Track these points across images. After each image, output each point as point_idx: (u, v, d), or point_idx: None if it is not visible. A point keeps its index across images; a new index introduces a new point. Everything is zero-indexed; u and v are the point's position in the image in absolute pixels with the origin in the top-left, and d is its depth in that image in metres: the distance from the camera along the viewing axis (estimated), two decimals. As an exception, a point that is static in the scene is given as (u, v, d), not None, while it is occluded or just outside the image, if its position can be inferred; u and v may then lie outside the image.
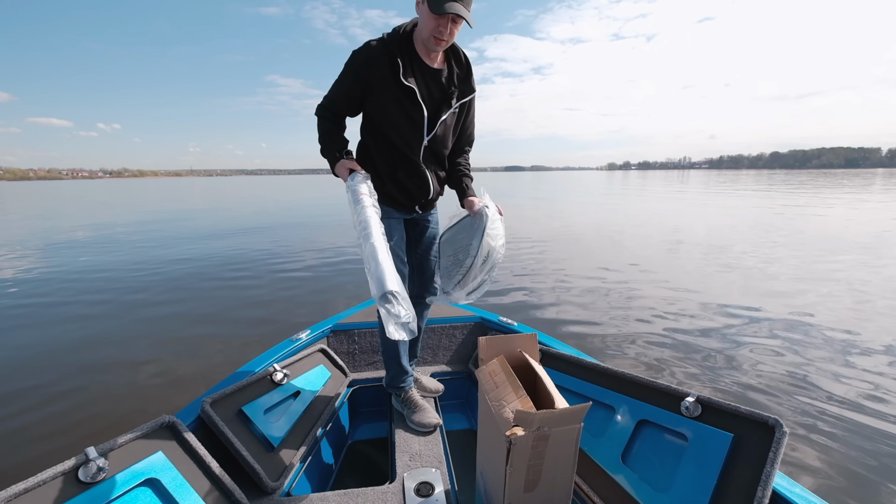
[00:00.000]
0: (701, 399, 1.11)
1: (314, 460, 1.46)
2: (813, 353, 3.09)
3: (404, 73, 1.29)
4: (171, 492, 0.99)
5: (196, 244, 8.47)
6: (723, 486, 0.98)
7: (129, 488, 0.94)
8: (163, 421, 1.08)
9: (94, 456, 0.90)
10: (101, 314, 4.29)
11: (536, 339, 1.23)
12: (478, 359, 1.21)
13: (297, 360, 1.67)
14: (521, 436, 0.92)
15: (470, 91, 1.43)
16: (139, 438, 1.02)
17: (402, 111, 1.33)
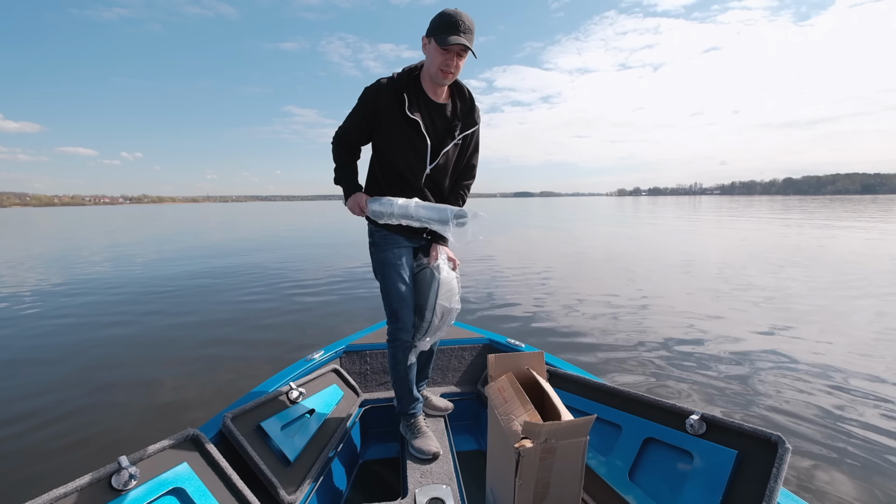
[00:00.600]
0: (705, 417, 1.13)
1: (326, 478, 1.48)
2: (834, 380, 3.03)
3: (410, 106, 1.38)
4: (195, 501, 1.03)
5: (214, 267, 8.68)
6: (728, 502, 0.99)
7: (157, 496, 0.99)
8: (187, 434, 1.14)
9: (126, 465, 0.96)
10: (124, 330, 4.49)
11: (543, 357, 1.28)
12: (487, 377, 1.25)
13: (311, 379, 1.72)
14: (530, 447, 0.96)
15: (473, 124, 1.51)
16: (166, 449, 1.08)
17: (407, 141, 1.42)
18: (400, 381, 1.59)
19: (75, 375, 3.37)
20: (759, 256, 9.05)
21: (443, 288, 1.46)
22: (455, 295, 1.50)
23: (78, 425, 2.55)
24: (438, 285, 1.46)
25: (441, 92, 1.47)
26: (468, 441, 1.87)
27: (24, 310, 5.52)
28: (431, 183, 1.52)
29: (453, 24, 1.30)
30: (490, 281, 6.96)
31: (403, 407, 1.63)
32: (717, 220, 22.56)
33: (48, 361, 3.67)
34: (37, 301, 5.95)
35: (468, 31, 1.31)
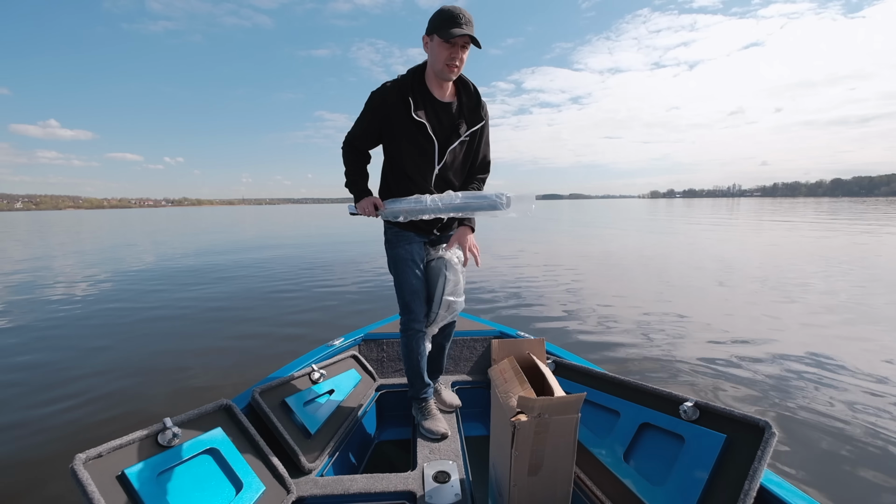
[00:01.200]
0: (699, 404, 1.18)
1: (343, 451, 1.61)
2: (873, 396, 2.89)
3: (415, 108, 1.42)
4: (227, 460, 1.17)
5: (250, 263, 9.20)
6: (714, 480, 1.04)
7: (195, 454, 1.14)
8: (221, 403, 1.28)
9: (170, 425, 1.10)
10: (169, 314, 5.11)
11: (544, 344, 1.36)
12: (491, 361, 1.34)
13: (332, 363, 1.86)
14: (525, 421, 1.04)
15: (479, 120, 1.53)
16: (203, 415, 1.22)
17: (414, 142, 1.47)
18: (412, 369, 1.70)
19: (127, 355, 3.87)
20: (812, 263, 8.64)
21: (449, 284, 1.57)
22: (460, 290, 1.61)
23: (126, 397, 3.01)
24: (445, 280, 1.57)
25: (446, 89, 1.51)
26: (477, 427, 1.96)
27: (87, 297, 6.19)
28: (442, 182, 1.56)
29: (454, 18, 1.35)
30: (508, 279, 7.09)
31: (415, 392, 1.73)
32: (757, 223, 21.57)
33: (103, 342, 4.25)
34: (95, 290, 6.64)
35: (469, 23, 1.36)
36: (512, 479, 1.10)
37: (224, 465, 1.17)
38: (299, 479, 1.31)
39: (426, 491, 1.27)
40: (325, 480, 1.31)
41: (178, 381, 3.25)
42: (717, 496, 1.02)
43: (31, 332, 4.64)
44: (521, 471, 1.09)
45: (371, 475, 1.34)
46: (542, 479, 1.11)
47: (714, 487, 1.04)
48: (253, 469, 1.20)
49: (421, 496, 1.26)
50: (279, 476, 1.24)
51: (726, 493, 1.00)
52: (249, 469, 1.19)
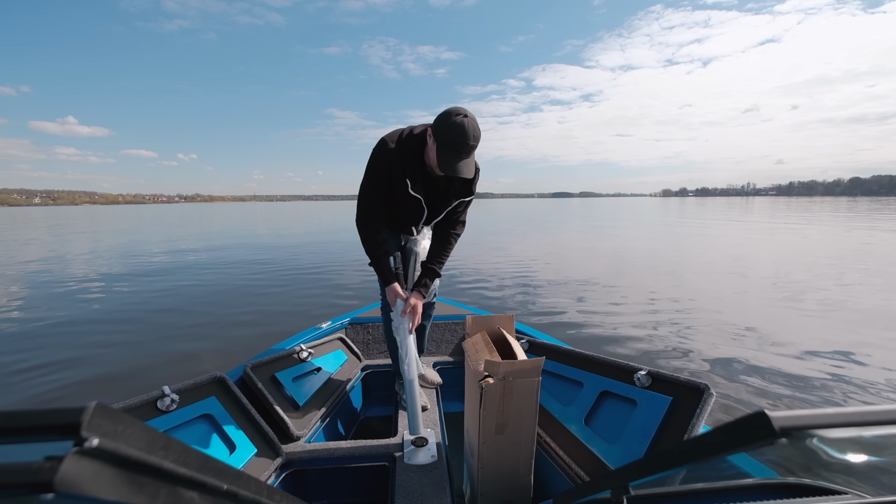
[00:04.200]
0: (651, 372, 1.31)
1: (331, 422, 1.74)
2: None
3: (413, 186, 1.45)
4: (221, 425, 1.29)
5: (258, 255, 9.45)
6: (659, 436, 1.17)
7: (192, 419, 1.25)
8: (215, 375, 1.39)
9: (168, 392, 1.21)
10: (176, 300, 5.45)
11: (513, 319, 1.48)
12: (465, 335, 1.47)
13: (319, 343, 2.00)
14: (492, 384, 1.16)
15: (468, 194, 1.55)
16: (198, 385, 1.33)
17: (408, 208, 1.54)
18: (394, 346, 1.83)
19: (138, 331, 4.42)
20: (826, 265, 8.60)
21: (419, 263, 1.71)
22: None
23: (130, 368, 3.48)
24: (416, 260, 1.70)
25: None
26: (457, 405, 2.09)
27: (108, 284, 6.61)
28: (427, 224, 1.67)
29: (458, 146, 1.32)
30: (499, 269, 7.26)
31: (398, 368, 1.86)
32: (771, 223, 21.30)
33: (125, 321, 4.75)
34: (115, 279, 6.99)
35: (470, 150, 1.34)
36: (481, 438, 1.22)
37: (218, 429, 1.28)
38: (288, 445, 1.44)
39: (405, 453, 1.40)
40: (312, 446, 1.44)
41: (180, 359, 3.65)
42: (660, 449, 1.14)
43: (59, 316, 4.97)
44: (489, 429, 1.22)
45: (355, 441, 1.46)
46: (507, 437, 1.23)
47: (659, 442, 1.16)
48: (245, 434, 1.32)
49: (400, 457, 1.39)
50: (269, 441, 1.37)
51: (668, 445, 1.12)
52: (242, 434, 1.31)
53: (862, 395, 2.77)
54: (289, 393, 1.61)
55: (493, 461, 1.25)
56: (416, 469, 1.34)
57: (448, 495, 1.24)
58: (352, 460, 1.40)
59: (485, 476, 1.26)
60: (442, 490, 1.25)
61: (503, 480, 1.28)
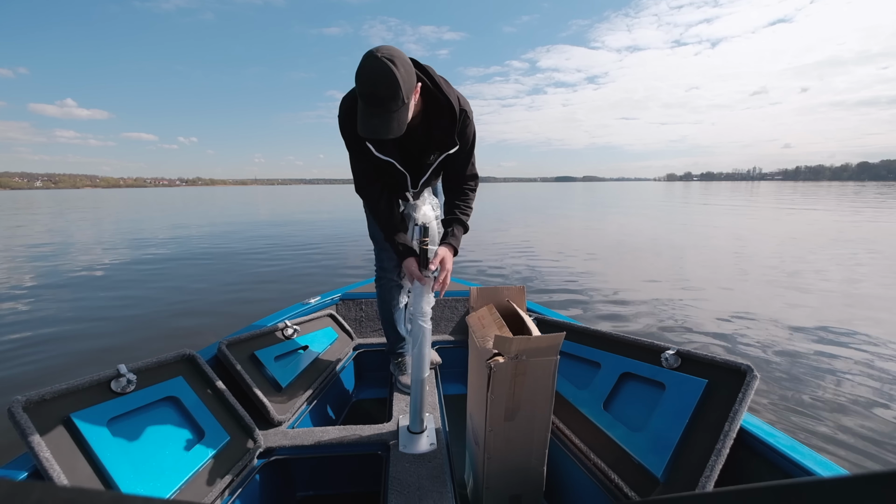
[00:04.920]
0: (681, 352, 1.14)
1: (319, 406, 1.58)
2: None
3: (380, 149, 1.20)
4: (189, 409, 1.12)
5: (258, 237, 9.30)
6: (693, 424, 1.01)
7: (153, 402, 1.07)
8: (183, 353, 1.21)
9: (124, 371, 1.03)
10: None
11: (524, 291, 1.29)
12: (469, 309, 1.29)
13: (307, 320, 1.82)
14: (502, 363, 0.99)
15: (451, 145, 1.23)
16: (163, 364, 1.15)
17: (387, 174, 1.29)
18: (388, 321, 1.66)
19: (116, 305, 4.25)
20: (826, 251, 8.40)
21: (417, 231, 1.40)
22: (435, 238, 1.38)
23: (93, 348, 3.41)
24: (414, 226, 1.40)
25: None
26: (457, 387, 1.93)
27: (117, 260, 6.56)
28: (425, 187, 1.40)
29: (363, 97, 1.02)
30: (504, 250, 7.11)
31: (392, 346, 1.70)
32: (776, 207, 21.00)
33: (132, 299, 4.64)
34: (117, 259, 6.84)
35: (382, 98, 1.00)
36: (488, 425, 1.05)
37: (185, 414, 1.11)
38: (268, 431, 1.28)
39: (400, 441, 1.24)
40: (295, 432, 1.28)
41: (154, 335, 3.59)
42: (695, 439, 0.98)
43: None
44: (498, 416, 1.05)
45: (344, 426, 1.30)
46: (518, 425, 1.07)
47: (693, 431, 1.00)
48: (217, 419, 1.16)
49: (394, 445, 1.23)
50: (245, 427, 1.21)
51: (706, 435, 0.97)
52: (213, 419, 1.15)
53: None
54: (270, 373, 1.44)
55: (501, 451, 1.09)
56: (412, 459, 1.18)
57: (449, 489, 1.08)
58: (340, 448, 1.24)
59: (491, 468, 1.10)
60: (442, 483, 1.09)
61: (512, 472, 1.12)
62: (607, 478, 1.09)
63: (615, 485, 1.06)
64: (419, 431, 1.27)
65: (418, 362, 1.25)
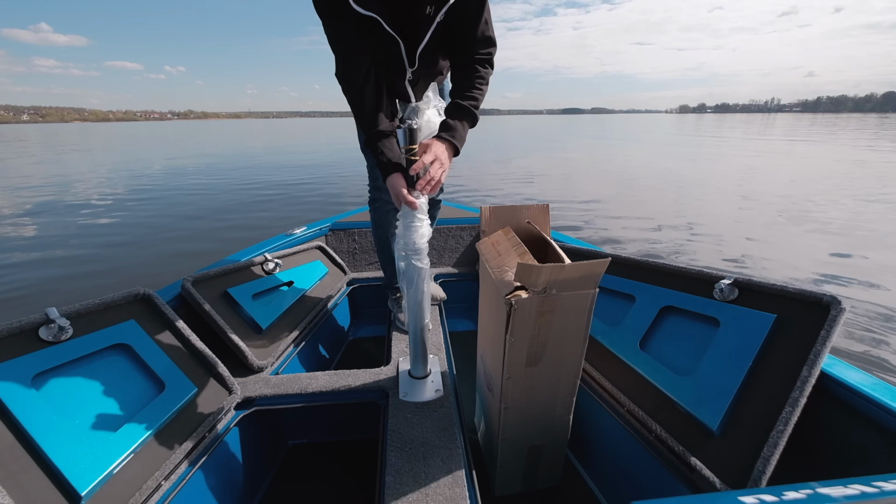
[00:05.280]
0: (739, 281, 0.93)
1: (309, 348, 1.41)
2: None
3: (360, 1, 0.91)
4: (143, 358, 0.92)
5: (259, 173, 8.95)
6: (759, 367, 0.82)
7: (96, 351, 0.87)
8: (136, 292, 1.00)
9: (55, 316, 0.83)
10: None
11: (548, 209, 1.05)
12: (480, 233, 1.06)
13: (291, 253, 1.59)
14: (525, 298, 0.78)
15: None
16: (109, 306, 0.95)
17: (373, 42, 0.99)
18: (384, 251, 1.45)
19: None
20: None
21: (423, 133, 1.06)
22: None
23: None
24: (409, 136, 1.00)
25: None
26: (464, 323, 1.76)
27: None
28: (424, 80, 1.12)
29: None
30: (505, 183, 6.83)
31: (389, 280, 1.50)
32: (790, 143, 20.08)
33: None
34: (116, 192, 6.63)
35: None
36: (506, 372, 0.87)
37: (139, 364, 0.92)
38: (247, 379, 1.10)
39: (401, 388, 1.07)
40: (279, 379, 1.10)
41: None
42: (762, 385, 0.80)
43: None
44: (518, 361, 0.86)
45: (335, 372, 1.13)
46: (543, 371, 0.88)
47: (759, 375, 0.82)
48: (180, 368, 0.97)
49: (394, 392, 1.06)
50: (217, 375, 1.02)
51: (776, 381, 0.79)
52: (175, 368, 0.96)
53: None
54: (247, 314, 1.24)
55: (520, 401, 0.91)
56: (414, 408, 1.01)
57: (459, 444, 0.92)
58: (331, 397, 1.07)
59: (508, 418, 0.94)
60: (450, 436, 0.93)
61: (533, 423, 0.96)
62: (646, 427, 0.93)
63: (656, 436, 0.90)
64: (422, 376, 1.10)
65: (416, 310, 1.03)
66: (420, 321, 1.04)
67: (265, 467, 1.13)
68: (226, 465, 0.99)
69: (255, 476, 1.08)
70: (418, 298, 1.01)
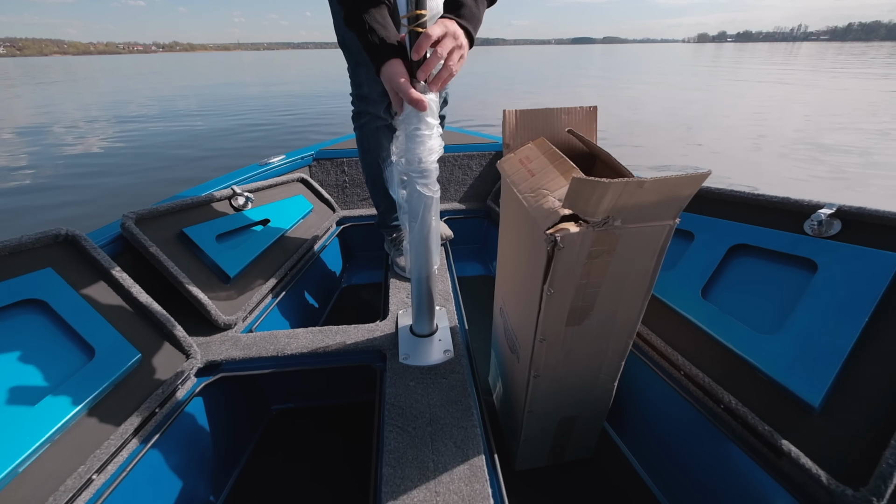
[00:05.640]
0: (844, 211, 0.69)
1: (291, 300, 1.19)
2: None
3: None
4: (64, 317, 0.71)
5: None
6: (880, 324, 0.60)
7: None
8: (56, 233, 0.77)
9: None
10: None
11: (595, 114, 0.77)
12: (503, 146, 0.78)
13: (267, 185, 1.33)
14: (574, 233, 0.53)
15: None
16: (16, 252, 0.71)
17: None
18: (374, 180, 1.18)
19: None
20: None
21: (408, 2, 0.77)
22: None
23: None
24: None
25: None
26: (473, 266, 1.54)
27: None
28: None
29: None
30: None
31: (383, 217, 1.25)
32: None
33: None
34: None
35: None
36: (539, 332, 0.64)
37: (59, 323, 0.71)
38: (212, 338, 0.89)
39: (401, 348, 0.86)
40: (251, 338, 0.89)
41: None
42: (885, 347, 0.59)
43: None
44: (557, 319, 0.63)
45: (320, 329, 0.92)
46: (588, 331, 0.66)
47: (880, 335, 0.60)
48: (117, 328, 0.75)
49: (393, 354, 0.85)
50: (170, 335, 0.81)
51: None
52: (110, 328, 0.74)
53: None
54: (209, 258, 1.00)
55: (555, 368, 0.70)
56: (417, 374, 0.81)
57: (476, 420, 0.71)
58: (314, 359, 0.86)
59: (538, 389, 0.73)
60: (465, 411, 0.72)
61: (569, 393, 0.76)
62: (712, 397, 0.72)
63: (728, 408, 0.70)
64: (427, 334, 0.88)
65: (421, 253, 0.78)
66: (426, 267, 0.80)
67: (242, 439, 0.95)
68: (187, 444, 0.80)
69: (228, 450, 0.90)
70: (424, 237, 0.76)
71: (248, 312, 0.98)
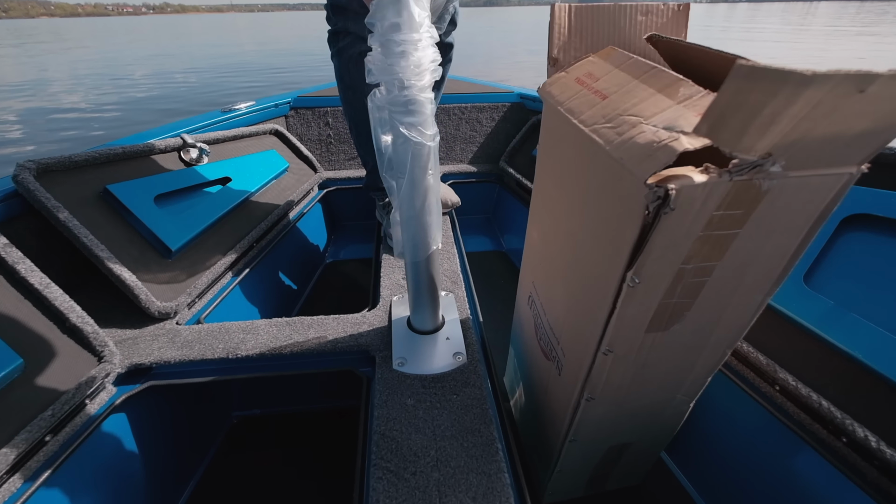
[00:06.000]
0: None
1: (258, 280, 0.96)
2: None
3: None
4: None
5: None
6: None
7: None
8: None
9: None
10: None
11: (687, 12, 0.52)
12: (548, 71, 0.53)
13: (229, 135, 1.07)
14: (700, 183, 0.30)
15: None
16: None
17: None
18: (359, 128, 0.92)
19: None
20: None
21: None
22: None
23: None
24: None
25: None
26: (481, 241, 1.32)
27: None
28: None
29: None
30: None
31: (372, 177, 1.00)
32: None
33: None
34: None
35: None
36: (605, 342, 0.42)
37: None
38: (140, 332, 0.67)
39: (395, 350, 0.64)
40: (193, 333, 0.68)
41: None
42: None
43: None
44: (636, 323, 0.41)
45: (288, 321, 0.70)
46: (676, 339, 0.44)
47: None
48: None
49: (385, 357, 0.63)
50: (72, 330, 0.58)
51: None
52: None
53: None
54: (144, 225, 0.76)
55: (619, 390, 0.48)
56: (419, 387, 0.59)
57: (504, 462, 0.50)
58: (276, 364, 0.65)
59: (589, 415, 0.51)
60: (487, 446, 0.51)
61: (629, 418, 0.55)
62: (829, 425, 0.51)
63: (853, 442, 0.49)
64: (430, 330, 0.66)
65: (414, 224, 0.55)
66: (423, 246, 0.57)
67: (189, 461, 0.75)
68: (104, 477, 0.59)
69: (167, 478, 0.69)
70: (417, 205, 0.53)
71: (195, 297, 0.76)
